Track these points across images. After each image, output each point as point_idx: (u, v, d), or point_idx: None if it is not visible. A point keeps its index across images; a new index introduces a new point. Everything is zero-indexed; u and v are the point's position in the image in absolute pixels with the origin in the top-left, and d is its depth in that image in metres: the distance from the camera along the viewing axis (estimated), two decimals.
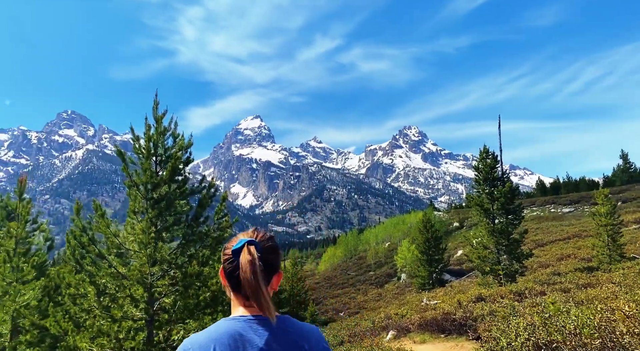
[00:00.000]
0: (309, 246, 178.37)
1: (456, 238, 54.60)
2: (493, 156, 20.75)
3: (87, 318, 4.83)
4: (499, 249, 19.72)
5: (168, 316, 5.07)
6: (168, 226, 5.74)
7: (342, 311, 38.46)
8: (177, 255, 5.53)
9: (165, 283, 5.21)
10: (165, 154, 5.88)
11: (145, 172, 5.48)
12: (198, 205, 6.14)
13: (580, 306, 9.56)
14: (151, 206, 5.47)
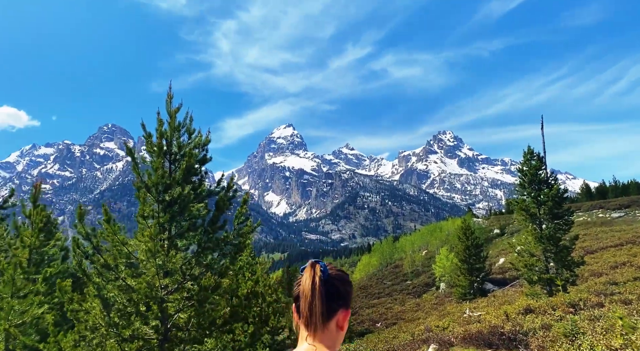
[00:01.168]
0: (343, 254, 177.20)
1: (497, 245, 52.38)
2: (538, 157, 19.38)
3: (94, 337, 4.29)
4: (547, 257, 18.29)
5: (183, 335, 4.47)
6: (182, 232, 5.16)
7: (379, 321, 37.25)
8: (193, 265, 4.95)
9: (178, 297, 4.62)
10: (180, 152, 5.32)
11: (157, 171, 4.92)
12: (215, 208, 5.53)
13: None
14: (163, 209, 4.90)
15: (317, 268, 1.32)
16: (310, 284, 1.27)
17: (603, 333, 6.96)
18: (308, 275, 1.30)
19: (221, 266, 5.23)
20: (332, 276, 1.33)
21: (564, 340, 7.83)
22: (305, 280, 1.29)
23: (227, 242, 5.46)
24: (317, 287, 1.26)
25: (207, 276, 4.64)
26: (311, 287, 1.26)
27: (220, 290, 5.00)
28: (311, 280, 1.28)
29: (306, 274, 1.31)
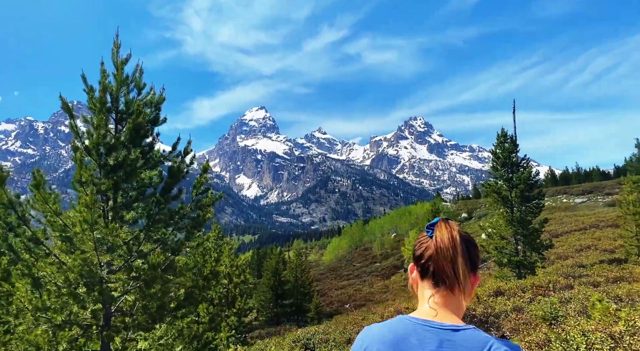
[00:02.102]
0: (313, 237, 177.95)
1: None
2: (512, 140, 19.28)
3: (19, 324, 3.59)
4: (517, 239, 18.35)
5: (128, 321, 3.84)
6: (130, 202, 4.46)
7: (348, 303, 37.31)
8: (141, 240, 4.27)
9: (123, 277, 3.96)
10: (128, 111, 4.57)
11: (98, 130, 4.18)
12: (169, 175, 4.82)
13: (637, 306, 8.25)
14: (105, 175, 4.19)
15: (453, 224, 1.23)
16: (450, 239, 1.18)
17: (589, 317, 6.70)
18: (446, 231, 1.20)
19: (176, 243, 4.59)
20: (465, 236, 1.25)
21: (542, 324, 7.54)
22: (443, 235, 1.20)
23: (183, 215, 4.80)
24: (459, 243, 1.18)
25: (156, 252, 3.99)
26: (452, 243, 1.17)
27: (173, 269, 4.37)
28: (451, 236, 1.19)
29: (442, 230, 1.21)
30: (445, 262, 1.17)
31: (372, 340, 1.17)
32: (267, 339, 20.57)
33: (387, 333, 1.16)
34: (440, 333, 1.12)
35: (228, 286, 12.66)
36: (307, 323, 29.26)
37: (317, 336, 13.90)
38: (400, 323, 1.17)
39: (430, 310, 1.18)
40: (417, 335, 1.13)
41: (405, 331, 1.14)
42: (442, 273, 1.18)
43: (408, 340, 1.12)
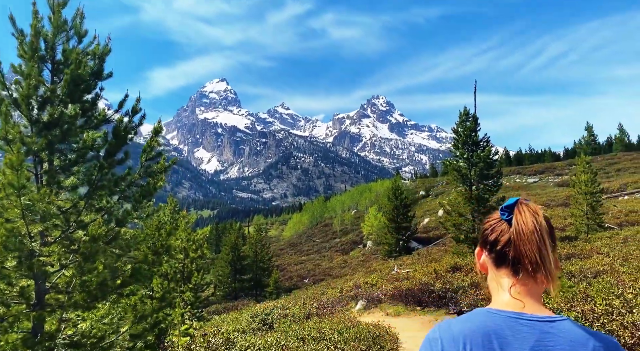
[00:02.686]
0: (274, 213, 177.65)
1: (422, 206, 54.45)
2: (474, 118, 19.48)
3: None
4: (475, 217, 18.76)
5: (65, 299, 3.40)
6: (68, 166, 3.93)
7: (307, 278, 37.55)
8: (81, 209, 3.79)
9: (58, 251, 3.49)
10: (67, 61, 3.98)
11: (28, 80, 3.59)
12: (114, 136, 4.30)
13: (591, 281, 8.50)
14: (37, 133, 3.64)
15: (535, 207, 1.11)
16: (535, 224, 1.06)
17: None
18: (530, 214, 1.08)
19: (122, 213, 4.13)
20: (547, 217, 1.12)
21: None
22: (527, 219, 1.07)
23: (130, 182, 4.32)
24: (545, 228, 1.07)
25: (97, 223, 3.53)
26: (538, 228, 1.06)
27: (120, 242, 3.93)
28: (536, 220, 1.07)
29: (526, 213, 1.08)
30: (531, 248, 1.05)
31: (454, 337, 1.03)
32: (225, 314, 20.34)
33: (473, 328, 1.03)
34: (537, 326, 1.01)
35: (184, 261, 12.19)
36: (266, 298, 29.24)
37: (276, 311, 13.77)
38: (486, 317, 1.05)
39: (515, 301, 1.07)
40: (510, 330, 1.01)
41: (496, 325, 1.02)
42: (527, 259, 1.06)
43: (501, 335, 0.99)
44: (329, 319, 10.68)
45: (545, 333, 0.99)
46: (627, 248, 11.99)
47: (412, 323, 11.12)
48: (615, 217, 20.93)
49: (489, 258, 1.17)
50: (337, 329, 8.63)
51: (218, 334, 4.32)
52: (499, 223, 1.14)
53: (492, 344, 0.99)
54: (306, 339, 8.30)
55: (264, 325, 12.92)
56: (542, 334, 0.99)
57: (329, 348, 7.23)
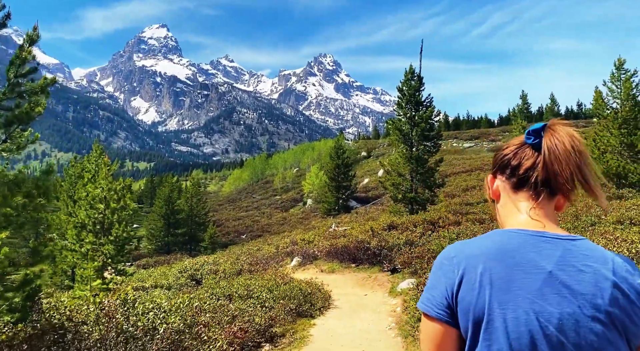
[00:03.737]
0: (215, 168, 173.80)
1: (363, 166, 55.11)
2: (419, 78, 19.19)
3: None
4: (413, 177, 18.87)
5: None
6: None
7: (245, 234, 37.14)
8: None
9: None
10: None
11: None
12: None
13: None
14: None
15: (570, 129, 1.05)
16: (572, 142, 1.02)
17: None
18: (564, 134, 1.03)
19: None
20: None
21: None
22: (562, 138, 1.02)
23: None
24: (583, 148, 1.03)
25: None
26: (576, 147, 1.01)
27: None
28: (571, 139, 1.03)
29: (559, 133, 1.03)
30: (568, 166, 1.01)
31: (470, 254, 0.99)
32: (153, 268, 19.48)
33: (490, 245, 0.99)
34: (560, 243, 0.98)
35: (104, 212, 11.12)
36: (201, 253, 28.55)
37: (206, 267, 13.16)
38: (506, 235, 1.01)
39: (535, 222, 1.04)
40: (533, 247, 0.98)
41: (518, 242, 0.99)
42: (562, 178, 1.01)
43: (522, 251, 0.96)
44: (261, 276, 10.23)
45: (568, 250, 0.98)
46: None
47: (346, 280, 10.96)
48: None
49: (508, 182, 1.13)
50: (268, 286, 8.18)
51: (119, 292, 3.65)
52: (523, 148, 1.11)
53: (515, 259, 0.96)
54: (233, 297, 7.79)
55: (192, 281, 12.30)
56: (565, 251, 0.98)
57: (255, 307, 6.75)
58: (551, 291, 0.93)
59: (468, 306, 0.96)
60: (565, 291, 0.93)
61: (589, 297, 0.92)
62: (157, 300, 3.76)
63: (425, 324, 1.04)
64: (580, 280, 0.94)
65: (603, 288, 0.93)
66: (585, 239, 1.01)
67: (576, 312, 0.92)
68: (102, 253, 10.76)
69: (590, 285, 0.93)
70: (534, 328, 0.91)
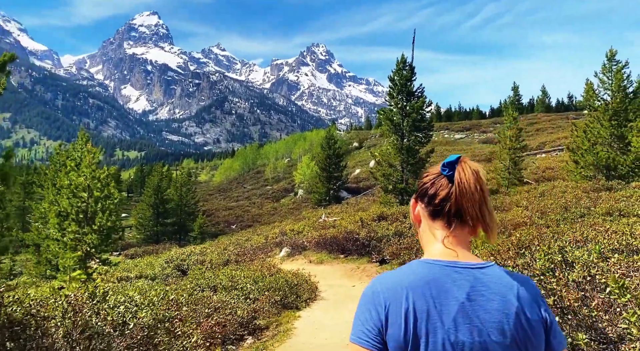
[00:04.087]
0: (206, 158, 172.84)
1: (355, 157, 54.98)
2: (410, 67, 18.99)
3: None
4: (404, 168, 18.76)
5: None
6: None
7: (235, 224, 36.94)
8: None
9: None
10: None
11: None
12: None
13: (512, 232, 8.50)
14: None
15: (475, 165, 1.17)
16: (477, 182, 1.13)
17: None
18: (470, 172, 1.15)
19: None
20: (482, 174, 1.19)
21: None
22: (469, 176, 1.13)
23: None
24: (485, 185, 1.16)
25: None
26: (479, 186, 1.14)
27: None
28: (477, 177, 1.14)
29: (467, 170, 1.15)
30: (473, 204, 1.13)
31: (395, 289, 1.07)
32: (140, 258, 19.25)
33: (413, 279, 1.08)
34: (471, 273, 1.09)
35: (87, 201, 10.85)
36: (190, 243, 28.34)
37: (193, 257, 12.97)
38: (425, 268, 1.10)
39: (449, 251, 1.14)
40: (448, 277, 1.08)
41: (434, 275, 1.08)
42: (468, 215, 1.13)
43: (439, 284, 1.06)
44: (247, 267, 10.08)
45: (478, 279, 1.08)
46: (544, 202, 12.36)
47: (334, 271, 10.85)
48: (533, 173, 21.99)
49: (426, 210, 1.21)
50: (253, 277, 8.02)
51: (88, 284, 3.47)
52: (439, 178, 1.18)
53: (432, 292, 1.05)
54: (218, 288, 7.63)
55: (179, 271, 12.12)
56: (476, 280, 1.08)
57: (239, 299, 6.59)
58: (463, 321, 1.03)
59: (395, 337, 1.04)
60: (476, 321, 1.03)
61: (496, 325, 1.03)
62: (129, 292, 3.58)
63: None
64: (489, 309, 1.04)
65: (509, 314, 1.04)
66: (494, 265, 1.11)
67: (485, 340, 1.02)
68: (85, 242, 10.52)
69: (498, 313, 1.04)
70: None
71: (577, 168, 16.54)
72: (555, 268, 2.73)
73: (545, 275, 2.66)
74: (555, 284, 2.54)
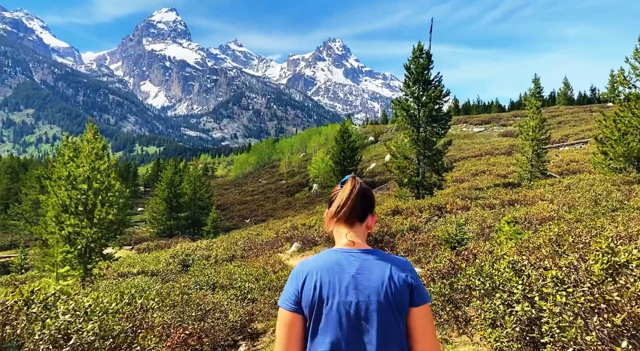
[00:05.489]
0: (222, 152, 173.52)
1: (370, 151, 54.07)
2: (427, 55, 18.11)
3: None
4: (420, 160, 17.95)
5: None
6: None
7: (249, 218, 36.61)
8: None
9: None
10: None
11: None
12: None
13: (537, 228, 7.71)
14: None
15: (357, 180, 1.65)
16: (358, 189, 1.62)
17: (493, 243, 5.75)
18: (356, 183, 1.63)
19: None
20: (365, 187, 1.67)
21: (445, 247, 6.59)
22: (354, 185, 1.62)
23: None
24: (359, 191, 1.62)
25: None
26: (358, 191, 1.61)
27: None
28: (358, 186, 1.62)
29: (352, 182, 1.63)
30: (351, 205, 1.60)
31: (310, 268, 1.56)
32: (148, 253, 18.92)
33: (322, 261, 1.56)
34: (360, 256, 1.56)
35: (87, 193, 10.41)
36: (203, 237, 28.03)
37: (199, 252, 12.46)
38: (330, 254, 1.59)
39: (348, 242, 1.61)
40: (345, 260, 1.55)
41: (336, 258, 1.56)
42: (350, 213, 1.61)
43: (339, 264, 1.54)
44: (252, 263, 9.50)
45: (365, 259, 1.54)
46: (571, 195, 11.49)
47: None
48: (557, 166, 20.94)
49: (331, 214, 1.65)
50: (255, 275, 7.43)
51: (26, 287, 2.92)
52: (337, 190, 1.67)
53: (334, 269, 1.52)
54: (217, 286, 7.07)
55: (183, 267, 11.64)
56: (363, 260, 1.55)
57: (237, 299, 6.00)
58: (352, 287, 1.49)
59: (308, 299, 1.50)
60: (360, 287, 1.49)
61: (374, 289, 1.49)
62: (80, 298, 3.03)
63: (282, 314, 1.54)
64: (370, 279, 1.50)
65: (383, 282, 1.50)
66: (377, 250, 1.59)
67: (366, 300, 1.48)
68: (84, 236, 10.07)
69: (377, 281, 1.50)
70: (342, 310, 1.47)
71: (605, 160, 15.51)
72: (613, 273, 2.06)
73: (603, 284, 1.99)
74: (618, 294, 1.87)
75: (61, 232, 9.93)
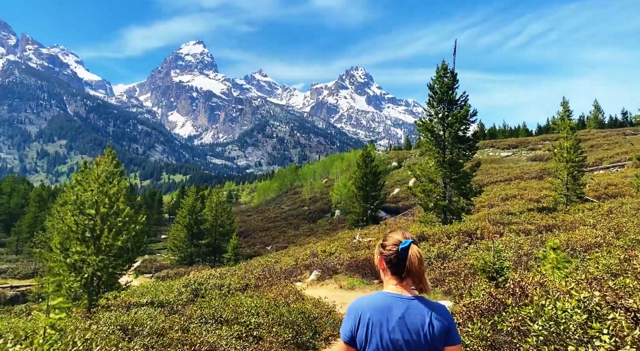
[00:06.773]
0: (247, 180, 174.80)
1: (394, 176, 53.05)
2: (452, 74, 17.43)
3: None
4: (446, 183, 17.02)
5: None
6: None
7: (270, 245, 35.89)
8: None
9: None
10: None
11: None
12: None
13: (584, 256, 6.74)
14: None
15: (419, 250, 1.96)
16: (419, 259, 1.92)
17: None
18: (417, 252, 1.94)
19: None
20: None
21: (482, 277, 5.70)
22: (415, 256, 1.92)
23: None
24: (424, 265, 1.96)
25: None
26: (420, 262, 1.92)
27: None
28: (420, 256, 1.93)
29: (414, 251, 1.94)
30: (417, 272, 1.91)
31: (364, 308, 1.89)
32: (163, 282, 18.33)
33: (374, 303, 1.89)
34: (406, 301, 1.87)
35: (95, 218, 9.94)
36: (223, 264, 27.40)
37: (212, 281, 11.77)
38: (382, 296, 1.90)
39: (397, 288, 1.93)
40: (394, 303, 1.87)
41: (386, 302, 1.88)
42: (414, 277, 1.93)
43: (389, 307, 1.85)
44: (264, 293, 8.74)
45: (409, 305, 1.86)
46: (617, 220, 10.39)
47: None
48: (593, 190, 19.61)
49: (387, 267, 1.99)
50: (265, 308, 6.67)
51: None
52: (395, 250, 1.96)
53: (384, 311, 1.84)
54: (223, 320, 6.33)
55: (196, 296, 10.95)
56: (408, 306, 1.85)
57: (241, 336, 5.25)
58: (399, 328, 1.82)
59: (361, 336, 1.86)
60: (405, 328, 1.82)
61: (417, 330, 1.82)
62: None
63: (341, 346, 1.92)
64: (413, 322, 1.82)
65: (424, 324, 1.82)
66: (421, 297, 1.91)
67: (412, 338, 1.81)
68: (90, 264, 9.52)
69: (419, 324, 1.82)
70: (388, 347, 1.80)
71: None
72: None
73: None
74: None
75: (66, 260, 9.43)
